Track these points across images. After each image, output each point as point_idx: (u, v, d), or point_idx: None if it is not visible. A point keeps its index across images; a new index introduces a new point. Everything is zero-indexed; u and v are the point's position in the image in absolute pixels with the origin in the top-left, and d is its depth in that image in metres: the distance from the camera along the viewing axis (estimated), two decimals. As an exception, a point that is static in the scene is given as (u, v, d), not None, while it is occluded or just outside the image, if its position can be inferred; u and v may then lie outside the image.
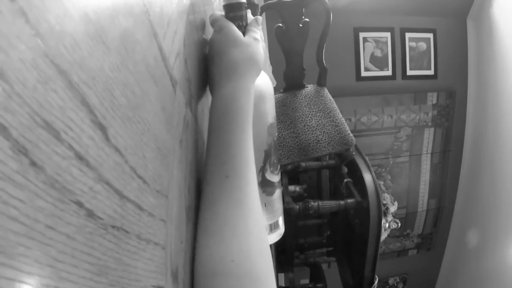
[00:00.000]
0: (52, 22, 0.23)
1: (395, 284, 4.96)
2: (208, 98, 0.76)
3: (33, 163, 0.20)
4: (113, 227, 0.30)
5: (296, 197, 3.18)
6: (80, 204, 0.25)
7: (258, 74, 0.75)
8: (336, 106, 2.37)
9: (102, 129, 0.28)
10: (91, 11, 0.28)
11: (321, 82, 2.46)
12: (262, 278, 0.54)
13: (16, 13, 0.20)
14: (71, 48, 0.25)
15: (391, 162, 4.34)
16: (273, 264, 0.62)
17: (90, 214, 0.26)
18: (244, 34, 0.78)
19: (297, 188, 3.27)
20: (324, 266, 4.21)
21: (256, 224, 0.58)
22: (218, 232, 0.55)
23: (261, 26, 0.84)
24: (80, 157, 0.25)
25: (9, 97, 0.18)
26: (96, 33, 0.29)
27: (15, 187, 0.19)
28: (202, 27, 0.79)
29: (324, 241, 3.43)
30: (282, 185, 2.78)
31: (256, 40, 0.77)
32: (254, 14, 0.94)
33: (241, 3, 0.78)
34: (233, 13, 0.78)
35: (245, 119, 0.65)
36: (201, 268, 0.53)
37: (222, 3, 0.79)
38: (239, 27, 0.77)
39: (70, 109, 0.24)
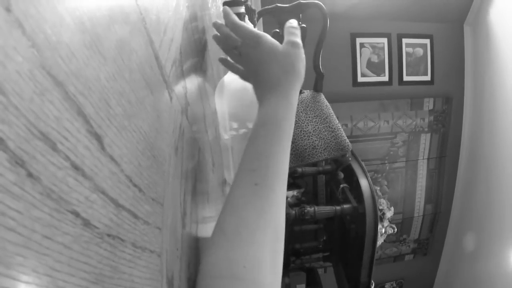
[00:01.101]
0: (48, 32, 0.23)
1: (392, 289, 4.97)
2: (204, 105, 0.76)
3: (30, 174, 0.20)
4: (109, 235, 0.30)
5: (292, 203, 3.17)
6: (76, 214, 0.25)
7: (300, 83, 0.75)
8: (332, 111, 2.37)
9: (98, 138, 0.29)
10: (87, 20, 0.28)
11: (317, 88, 2.46)
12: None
13: (13, 24, 0.20)
14: (67, 59, 0.25)
15: (387, 167, 4.34)
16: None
17: (86, 223, 0.26)
18: None
19: (295, 193, 3.26)
20: (320, 271, 4.20)
21: (274, 235, 0.58)
22: (236, 237, 0.54)
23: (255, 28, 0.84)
24: (76, 167, 0.25)
25: (6, 109, 0.19)
26: (92, 42, 0.29)
27: (13, 198, 0.19)
28: (199, 33, 0.79)
29: (320, 246, 3.43)
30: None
31: (295, 45, 0.76)
32: (251, 19, 0.95)
33: (240, 1, 0.83)
34: (233, 10, 0.81)
35: (283, 132, 0.65)
36: (210, 268, 0.52)
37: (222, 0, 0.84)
38: None
39: (66, 120, 0.24)
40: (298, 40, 0.77)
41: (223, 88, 0.89)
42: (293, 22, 0.84)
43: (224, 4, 0.84)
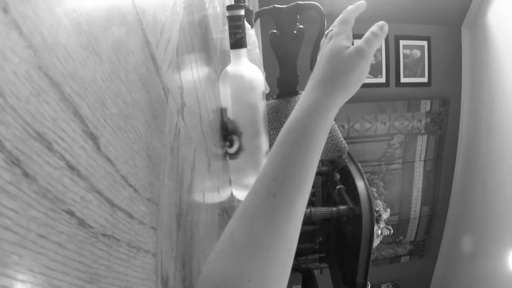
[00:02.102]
0: (45, 33, 0.23)
1: (387, 291, 4.97)
2: (200, 105, 0.76)
3: (26, 174, 0.21)
4: (104, 235, 0.30)
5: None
6: (71, 213, 0.25)
7: (346, 95, 0.66)
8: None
9: (94, 139, 0.29)
10: (84, 21, 0.29)
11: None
12: None
13: (10, 25, 0.20)
14: (63, 59, 0.25)
15: (384, 169, 4.35)
16: None
17: (81, 223, 0.26)
18: (243, 40, 0.79)
19: None
20: (316, 272, 4.21)
21: (286, 253, 0.54)
22: (246, 250, 0.51)
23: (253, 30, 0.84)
24: (71, 167, 0.25)
25: (2, 110, 0.19)
26: (88, 43, 0.29)
27: (9, 198, 0.19)
28: (196, 33, 0.79)
29: (317, 247, 3.43)
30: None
31: (361, 53, 0.67)
32: (248, 20, 0.96)
33: (241, 16, 0.87)
34: (235, 23, 0.90)
35: (314, 142, 0.59)
36: (215, 276, 0.50)
37: (227, 14, 0.91)
38: (237, 34, 0.87)
39: (62, 120, 0.24)
40: (369, 49, 0.68)
41: (227, 76, 0.93)
42: (381, 26, 0.72)
43: (228, 8, 0.90)
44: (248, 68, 0.93)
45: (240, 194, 0.88)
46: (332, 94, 0.63)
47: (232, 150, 0.94)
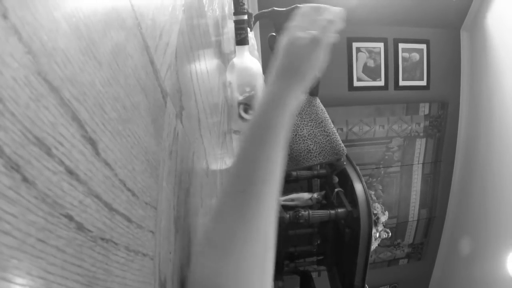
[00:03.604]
0: (45, 39, 0.23)
1: (386, 294, 4.97)
2: (199, 109, 0.76)
3: (25, 179, 0.21)
4: (102, 239, 0.30)
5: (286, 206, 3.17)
6: (70, 218, 0.25)
7: (303, 84, 0.66)
8: (327, 116, 2.38)
9: (92, 143, 0.29)
10: (83, 26, 0.29)
11: (313, 92, 2.47)
12: None
13: (9, 31, 0.20)
14: (62, 65, 0.25)
15: (382, 172, 4.35)
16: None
17: (80, 227, 0.27)
18: (246, 39, 0.81)
19: (315, 195, 3.23)
20: (314, 275, 4.20)
21: (264, 246, 0.55)
22: (224, 248, 0.52)
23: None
24: (70, 172, 0.25)
25: (2, 115, 0.19)
26: (87, 48, 0.29)
27: (8, 203, 0.19)
28: (196, 36, 0.79)
29: (315, 250, 3.43)
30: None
31: (317, 43, 0.67)
32: (248, 22, 1.04)
33: (244, 20, 1.09)
34: (240, 25, 1.11)
35: (275, 135, 0.59)
36: (198, 278, 0.51)
37: (233, 19, 1.11)
38: (241, 34, 1.09)
39: (61, 125, 0.24)
40: (324, 37, 0.68)
41: (234, 67, 1.15)
42: (337, 12, 0.72)
43: (234, 14, 1.11)
44: (250, 60, 1.16)
45: None
46: (289, 87, 0.64)
47: (248, 117, 1.16)
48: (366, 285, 2.70)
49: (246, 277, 0.51)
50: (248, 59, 1.15)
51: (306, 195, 3.24)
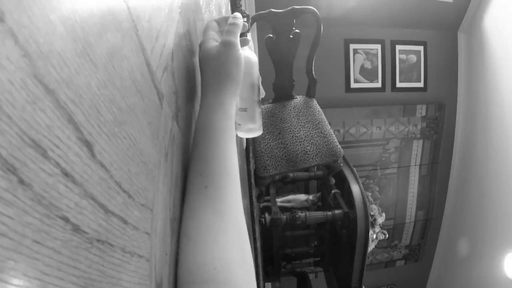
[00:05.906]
0: (41, 41, 0.23)
1: (383, 295, 4.97)
2: (195, 110, 0.76)
3: (21, 181, 0.21)
4: (98, 241, 0.30)
5: (283, 208, 3.18)
6: (66, 220, 0.25)
7: (234, 84, 0.72)
8: (324, 117, 2.38)
9: (88, 145, 0.29)
10: (79, 28, 0.29)
11: (310, 93, 2.47)
12: (242, 286, 0.54)
13: (6, 34, 0.20)
14: (58, 67, 0.25)
15: (379, 173, 4.35)
16: (260, 273, 0.62)
17: (76, 228, 0.27)
18: (245, 35, 0.81)
19: (311, 197, 3.24)
20: (311, 276, 4.21)
21: (236, 233, 0.59)
22: (201, 240, 0.55)
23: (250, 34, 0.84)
24: (66, 174, 0.25)
25: (-2, 118, 0.19)
26: (83, 50, 0.29)
27: (4, 205, 0.19)
28: (192, 39, 0.79)
29: (312, 251, 3.43)
30: (270, 194, 2.82)
31: (226, 45, 0.72)
32: None
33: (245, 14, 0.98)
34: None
35: (220, 133, 0.65)
36: (185, 275, 0.53)
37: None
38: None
39: (57, 127, 0.25)
40: (232, 38, 0.73)
41: None
42: (235, 16, 0.78)
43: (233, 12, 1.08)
44: (248, 53, 1.09)
45: (243, 134, 1.03)
46: (220, 92, 0.70)
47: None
48: (363, 287, 2.70)
49: (228, 266, 0.54)
50: (247, 52, 1.14)
51: (302, 197, 3.25)
